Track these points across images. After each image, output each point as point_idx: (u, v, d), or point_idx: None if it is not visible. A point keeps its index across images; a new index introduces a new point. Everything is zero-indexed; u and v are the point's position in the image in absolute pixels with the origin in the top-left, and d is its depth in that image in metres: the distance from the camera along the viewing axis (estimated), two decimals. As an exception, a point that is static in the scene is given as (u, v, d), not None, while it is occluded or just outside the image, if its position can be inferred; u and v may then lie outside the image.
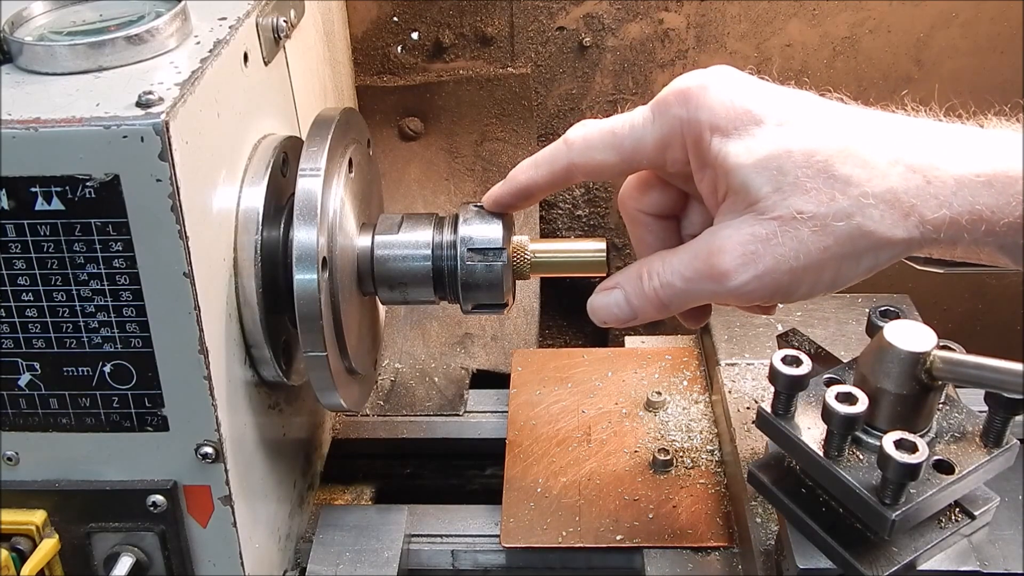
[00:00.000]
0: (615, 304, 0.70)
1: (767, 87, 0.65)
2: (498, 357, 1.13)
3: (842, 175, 0.59)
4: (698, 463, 0.92)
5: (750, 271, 0.62)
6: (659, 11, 1.18)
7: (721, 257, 0.62)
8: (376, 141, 0.94)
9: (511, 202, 0.75)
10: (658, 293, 0.67)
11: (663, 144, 0.66)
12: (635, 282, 0.68)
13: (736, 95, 0.63)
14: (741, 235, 0.62)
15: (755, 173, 0.61)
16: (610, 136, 0.68)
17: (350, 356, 0.78)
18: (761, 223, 0.61)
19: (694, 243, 0.65)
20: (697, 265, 0.64)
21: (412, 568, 0.90)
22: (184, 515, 0.74)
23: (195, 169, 0.66)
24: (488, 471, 1.04)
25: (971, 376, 0.65)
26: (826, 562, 0.70)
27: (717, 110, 0.63)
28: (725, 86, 0.64)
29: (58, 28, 0.73)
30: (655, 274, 0.67)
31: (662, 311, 0.68)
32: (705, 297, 0.66)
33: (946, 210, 0.58)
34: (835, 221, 0.59)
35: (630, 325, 0.70)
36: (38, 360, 0.69)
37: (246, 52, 0.76)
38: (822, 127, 0.61)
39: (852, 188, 0.59)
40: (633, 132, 0.67)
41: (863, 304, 1.01)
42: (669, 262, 0.66)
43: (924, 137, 0.60)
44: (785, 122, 0.62)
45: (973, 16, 1.15)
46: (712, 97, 0.64)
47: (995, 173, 0.57)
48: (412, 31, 1.21)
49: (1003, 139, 0.59)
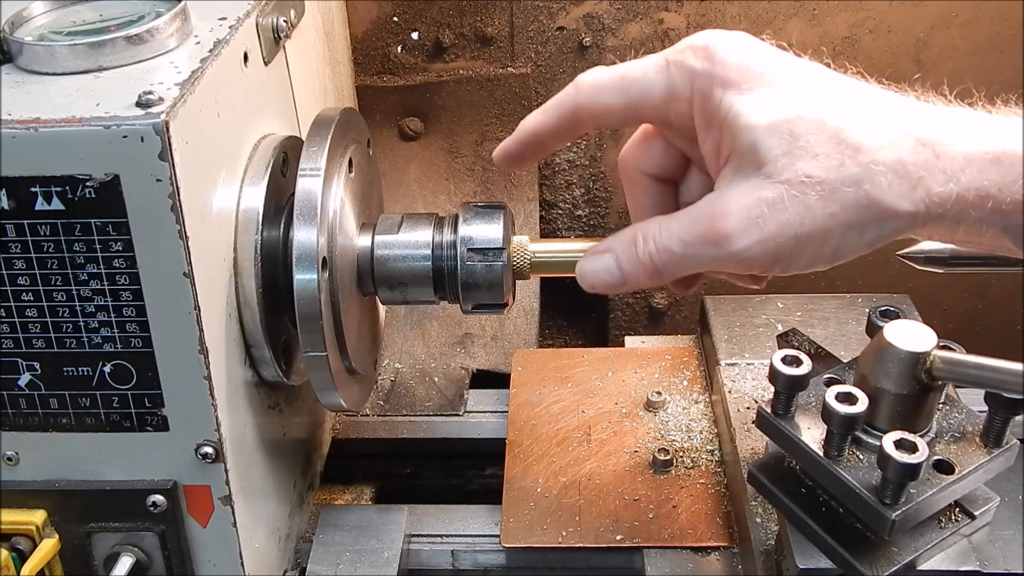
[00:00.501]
0: (605, 269, 0.67)
1: (782, 54, 0.64)
2: (498, 357, 1.13)
3: (852, 142, 0.59)
4: (698, 463, 0.92)
5: (753, 235, 0.60)
6: (659, 11, 1.18)
7: (724, 220, 0.61)
8: (376, 141, 0.94)
9: (520, 151, 0.73)
10: (653, 258, 0.65)
11: (671, 95, 0.65)
12: (628, 247, 0.66)
13: (752, 57, 0.63)
14: (747, 198, 0.60)
15: (766, 135, 0.60)
16: (619, 80, 0.67)
17: (350, 356, 0.78)
18: (768, 187, 0.60)
19: (695, 207, 0.64)
20: (698, 229, 0.62)
21: (412, 568, 0.90)
22: (184, 515, 0.74)
23: (195, 169, 0.66)
24: (488, 471, 1.04)
25: (971, 376, 0.65)
26: (826, 562, 0.70)
27: (731, 68, 0.62)
28: (742, 47, 0.63)
29: (58, 28, 0.73)
30: (651, 238, 0.65)
31: (655, 277, 0.66)
32: (703, 263, 0.64)
33: (953, 184, 0.57)
34: (843, 187, 0.58)
35: (619, 292, 0.68)
36: (38, 360, 0.69)
37: (246, 52, 0.76)
38: (834, 96, 0.61)
39: (862, 155, 0.58)
40: (643, 78, 0.66)
41: (863, 304, 1.01)
42: (667, 226, 0.64)
43: (934, 115, 0.60)
44: (798, 87, 0.61)
45: (973, 16, 1.15)
46: (728, 55, 0.63)
47: (1004, 151, 0.57)
48: (412, 31, 1.21)
49: (1011, 122, 0.59)
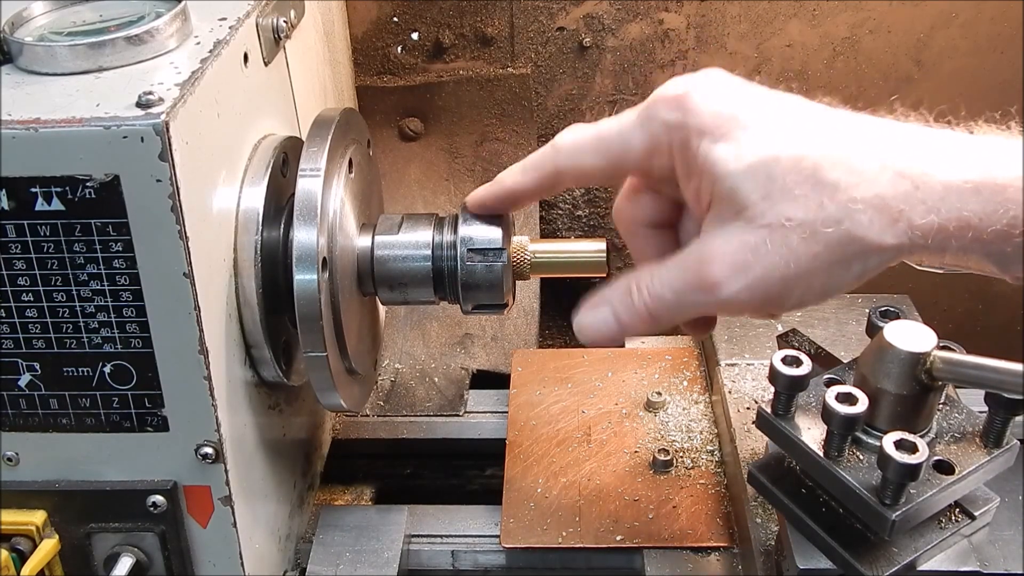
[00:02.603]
0: (603, 321, 0.68)
1: (755, 91, 0.64)
2: (498, 357, 1.13)
3: (830, 181, 0.58)
4: (698, 463, 0.92)
5: (741, 281, 0.61)
6: (659, 11, 1.18)
7: (711, 267, 0.61)
8: (376, 141, 0.94)
9: (495, 205, 0.74)
10: (648, 307, 0.65)
11: (650, 150, 0.65)
12: (624, 297, 0.66)
13: (723, 100, 0.63)
14: (730, 244, 0.61)
15: (743, 180, 0.60)
16: (596, 141, 0.67)
17: (350, 356, 0.78)
18: (750, 231, 0.60)
19: (682, 255, 0.64)
20: (687, 277, 0.63)
21: (412, 568, 0.90)
22: (184, 515, 0.74)
23: (195, 169, 0.66)
24: (488, 471, 1.04)
25: (971, 376, 0.65)
26: (826, 562, 0.70)
27: (704, 116, 0.62)
28: (712, 91, 0.63)
29: (58, 28, 0.73)
30: (644, 288, 0.65)
31: (652, 326, 0.66)
32: (697, 309, 0.65)
33: (934, 216, 0.57)
34: (824, 227, 0.58)
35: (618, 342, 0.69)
36: (38, 360, 0.69)
37: (246, 52, 0.76)
38: (810, 132, 0.61)
39: (840, 194, 0.58)
40: (621, 137, 0.66)
41: (863, 304, 1.01)
42: (658, 275, 0.65)
43: (913, 143, 0.60)
44: (773, 127, 0.61)
45: (973, 16, 1.15)
46: (699, 102, 0.63)
47: (983, 180, 0.56)
48: (412, 31, 1.21)
49: (992, 145, 0.58)
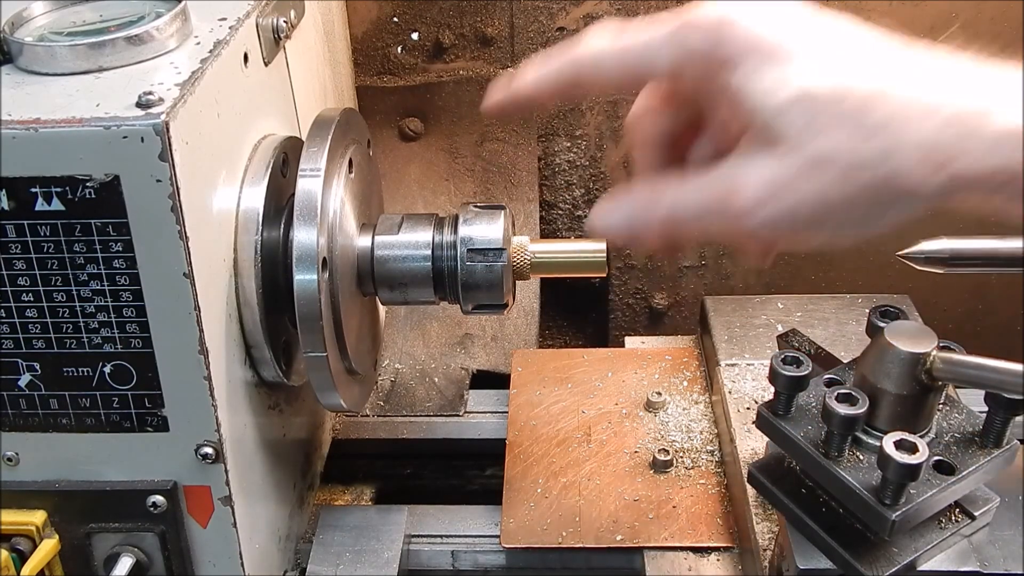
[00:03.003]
0: (617, 219, 0.65)
1: (802, 16, 0.60)
2: (498, 357, 1.13)
3: (875, 120, 0.55)
4: (698, 463, 0.92)
5: (769, 210, 0.58)
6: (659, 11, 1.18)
7: (739, 195, 0.59)
8: (376, 141, 0.94)
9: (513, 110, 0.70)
10: (666, 219, 0.63)
11: (675, 72, 0.63)
12: (644, 204, 0.64)
13: (766, 27, 0.59)
14: (762, 174, 0.58)
15: (782, 112, 0.57)
16: (621, 53, 0.64)
17: (350, 356, 0.78)
18: (784, 164, 0.57)
19: (711, 177, 0.61)
20: (713, 200, 0.61)
21: (412, 568, 0.90)
22: (184, 515, 0.74)
23: (195, 169, 0.66)
24: (488, 471, 1.04)
25: (971, 376, 0.65)
26: (826, 562, 0.70)
27: (744, 44, 0.59)
28: (755, 18, 0.60)
29: (58, 28, 0.73)
30: (667, 201, 0.63)
31: (662, 239, 0.64)
32: (715, 231, 0.62)
33: (985, 163, 0.54)
34: (863, 168, 0.56)
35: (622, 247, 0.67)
36: (38, 360, 0.69)
37: (246, 52, 0.76)
38: (857, 65, 0.58)
39: (885, 134, 0.55)
40: (647, 53, 0.63)
41: (863, 304, 1.01)
42: (684, 192, 0.62)
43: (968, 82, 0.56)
44: (818, 58, 0.58)
45: (973, 16, 1.15)
46: (737, 32, 0.59)
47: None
48: (412, 31, 1.21)
49: None
